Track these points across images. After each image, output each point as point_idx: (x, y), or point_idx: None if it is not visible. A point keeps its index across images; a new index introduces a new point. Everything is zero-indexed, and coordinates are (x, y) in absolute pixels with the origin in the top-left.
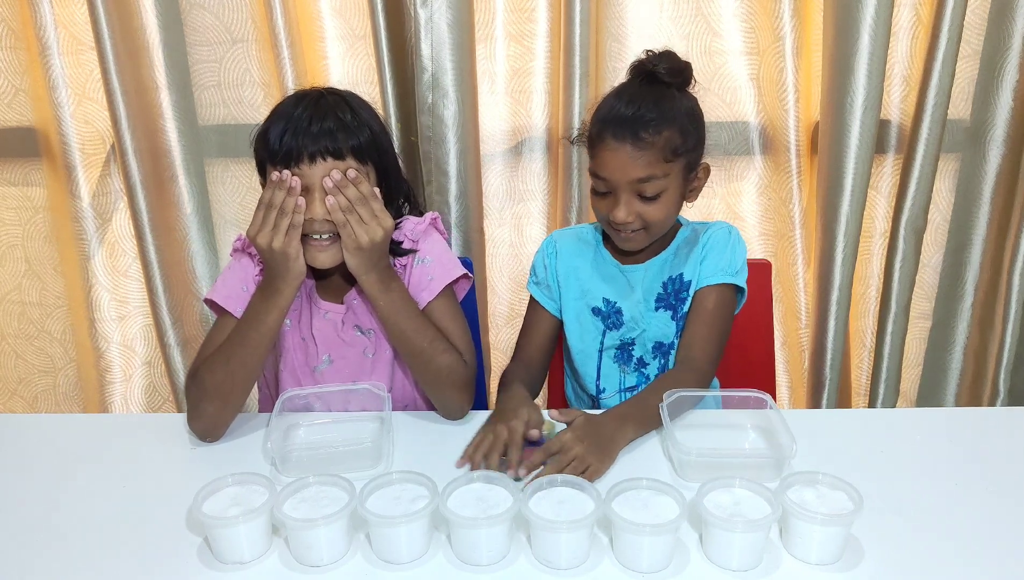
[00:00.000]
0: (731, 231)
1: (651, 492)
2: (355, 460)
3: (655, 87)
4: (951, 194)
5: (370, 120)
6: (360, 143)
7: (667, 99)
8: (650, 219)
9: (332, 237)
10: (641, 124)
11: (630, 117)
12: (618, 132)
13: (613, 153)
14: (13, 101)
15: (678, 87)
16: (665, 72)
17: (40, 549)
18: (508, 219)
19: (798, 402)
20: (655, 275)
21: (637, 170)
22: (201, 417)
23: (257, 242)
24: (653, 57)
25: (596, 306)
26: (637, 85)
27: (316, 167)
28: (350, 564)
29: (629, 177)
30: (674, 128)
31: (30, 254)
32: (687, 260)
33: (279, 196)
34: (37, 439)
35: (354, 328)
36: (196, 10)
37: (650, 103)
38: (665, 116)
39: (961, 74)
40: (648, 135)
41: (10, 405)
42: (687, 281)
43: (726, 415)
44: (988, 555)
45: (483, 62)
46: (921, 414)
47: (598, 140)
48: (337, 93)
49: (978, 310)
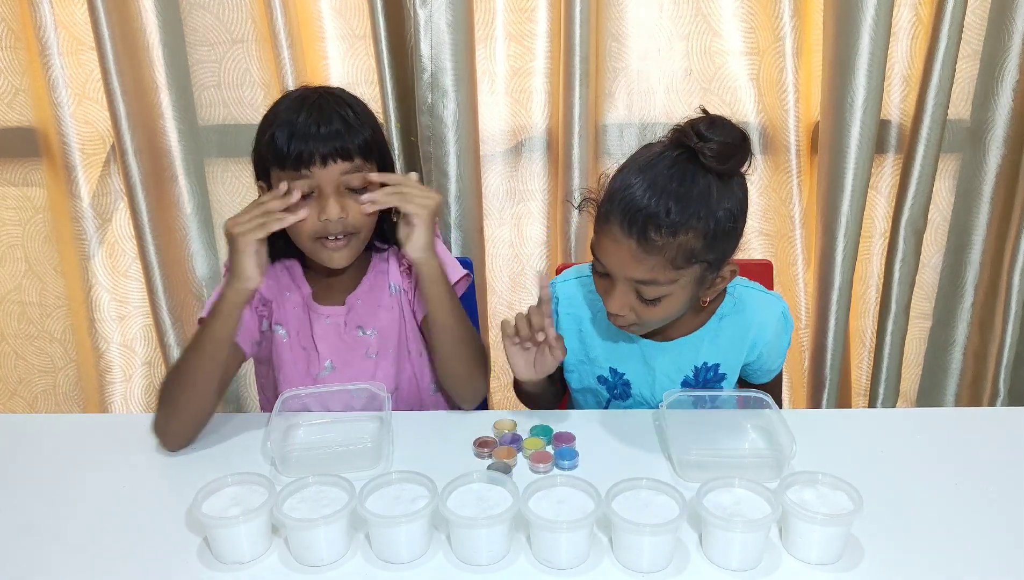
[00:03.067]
0: (785, 318)
1: (651, 492)
2: (355, 460)
3: (690, 170)
4: (951, 194)
5: (369, 118)
6: (365, 141)
7: (700, 194)
8: (645, 319)
9: (347, 237)
10: (654, 223)
11: (642, 209)
12: (625, 223)
13: (615, 244)
14: (13, 101)
15: (721, 174)
16: (710, 155)
17: (40, 549)
18: (508, 219)
19: (798, 402)
20: (683, 359)
21: (637, 271)
22: (156, 424)
23: (226, 228)
24: (701, 126)
25: (602, 375)
26: (669, 163)
27: (327, 169)
28: (350, 564)
29: (627, 274)
30: (696, 232)
31: (30, 254)
32: (727, 348)
33: (275, 205)
34: (37, 439)
35: (356, 329)
36: (196, 10)
37: (672, 198)
38: (689, 217)
39: (961, 74)
40: (659, 237)
41: (10, 405)
42: (722, 373)
43: (726, 415)
44: (988, 555)
45: (483, 62)
46: (921, 414)
47: (604, 221)
48: (333, 93)
49: (978, 310)
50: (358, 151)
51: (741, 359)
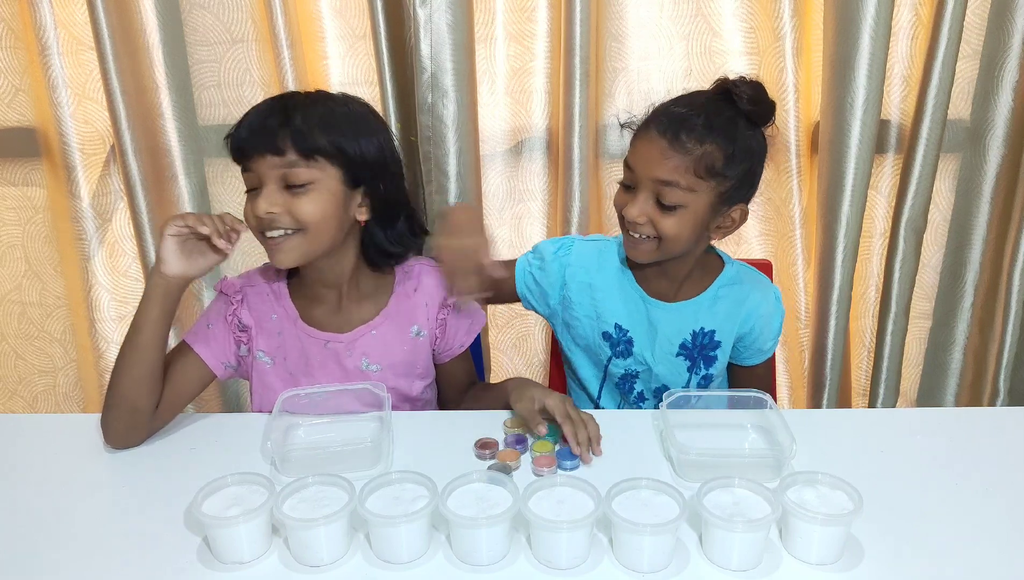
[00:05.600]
0: (778, 301)
1: (651, 492)
2: (355, 460)
3: (725, 106)
4: (951, 194)
5: (351, 123)
6: (312, 141)
7: (730, 120)
8: (661, 229)
9: (288, 236)
10: (687, 126)
11: (679, 115)
12: (661, 126)
13: (648, 144)
14: (13, 101)
15: (749, 116)
16: (744, 97)
17: (40, 549)
18: (508, 219)
19: (798, 402)
20: (684, 321)
21: (663, 170)
22: (101, 419)
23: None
24: (741, 80)
25: (607, 331)
26: (709, 95)
27: (259, 162)
28: (350, 564)
29: (653, 174)
30: (720, 146)
31: (30, 254)
32: (724, 316)
33: (217, 228)
34: (37, 439)
35: (361, 358)
36: (196, 10)
37: (707, 114)
38: (715, 130)
39: (961, 74)
40: (688, 139)
41: (10, 405)
42: (717, 341)
43: (726, 415)
44: (988, 555)
45: (483, 62)
46: (921, 414)
47: (642, 128)
48: (315, 95)
49: (978, 310)
50: (294, 147)
51: (735, 330)
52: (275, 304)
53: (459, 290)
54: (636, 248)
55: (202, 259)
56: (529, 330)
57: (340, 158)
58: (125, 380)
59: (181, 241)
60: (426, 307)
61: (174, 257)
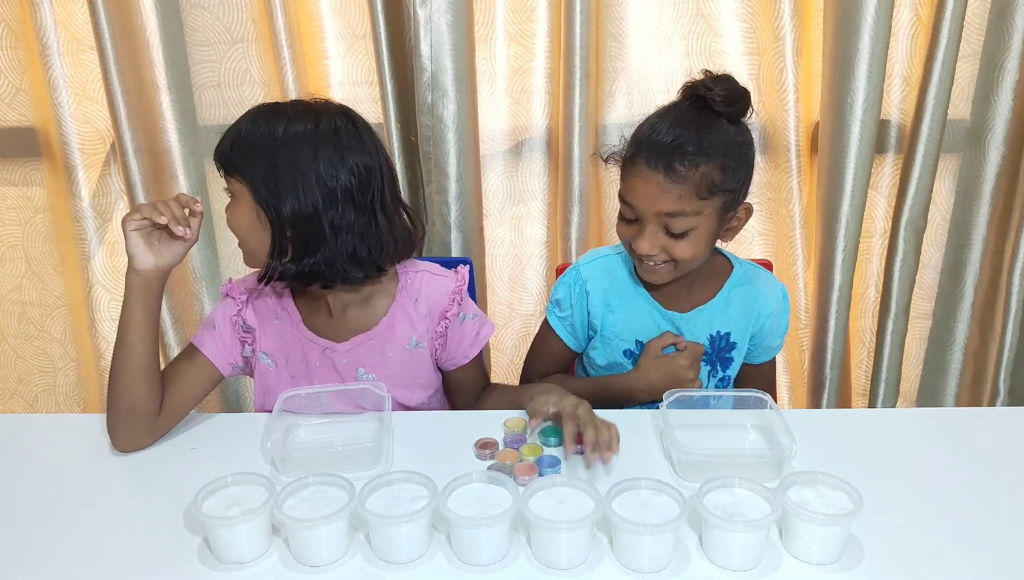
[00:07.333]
0: (785, 298)
1: (651, 492)
2: (355, 460)
3: (704, 113)
4: (951, 194)
5: (267, 159)
6: (222, 157)
7: (714, 130)
8: (676, 256)
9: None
10: (678, 154)
11: (667, 145)
12: (652, 159)
13: (643, 181)
14: (13, 101)
15: (730, 117)
16: (719, 100)
17: (40, 549)
18: (508, 219)
19: (798, 402)
20: (701, 328)
21: (666, 203)
22: (106, 423)
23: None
24: (709, 80)
25: (628, 348)
26: (684, 109)
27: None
28: (350, 564)
29: (656, 209)
30: (715, 163)
31: (30, 254)
32: (738, 317)
33: (173, 211)
34: (37, 439)
35: (357, 368)
36: (196, 10)
37: (693, 132)
38: (707, 149)
39: (961, 74)
40: (683, 168)
41: (10, 405)
42: (733, 342)
43: (726, 415)
44: (988, 555)
45: (483, 62)
46: (921, 414)
47: (631, 164)
48: (296, 106)
49: (978, 310)
50: (232, 165)
51: (749, 328)
52: (279, 307)
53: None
54: (653, 273)
55: (171, 247)
56: (529, 330)
57: (246, 179)
58: (120, 382)
59: (145, 234)
60: (426, 318)
61: (142, 252)
